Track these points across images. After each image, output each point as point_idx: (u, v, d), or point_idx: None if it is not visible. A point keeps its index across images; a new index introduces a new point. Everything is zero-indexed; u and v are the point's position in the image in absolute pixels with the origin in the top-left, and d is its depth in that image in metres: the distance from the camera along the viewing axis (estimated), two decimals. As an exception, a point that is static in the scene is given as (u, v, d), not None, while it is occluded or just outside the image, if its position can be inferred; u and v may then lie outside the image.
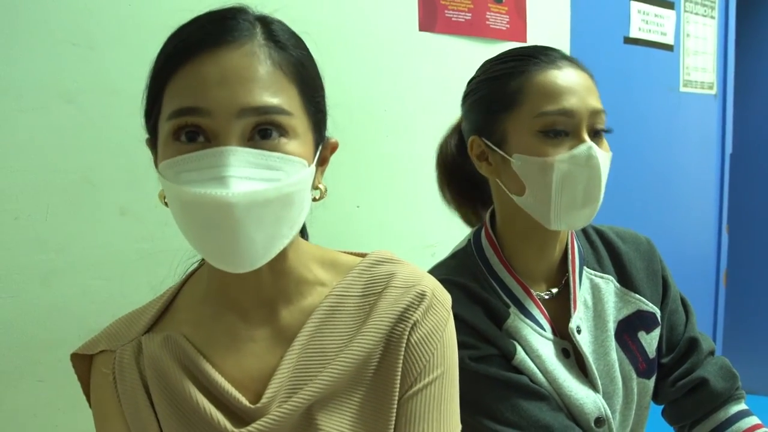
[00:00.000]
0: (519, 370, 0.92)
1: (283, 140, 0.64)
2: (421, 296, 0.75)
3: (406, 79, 1.58)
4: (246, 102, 0.62)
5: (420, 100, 1.60)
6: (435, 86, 1.60)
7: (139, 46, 1.18)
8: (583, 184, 0.88)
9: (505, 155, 0.91)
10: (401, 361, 0.73)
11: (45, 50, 1.09)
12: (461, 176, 1.08)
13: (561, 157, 0.87)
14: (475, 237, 1.03)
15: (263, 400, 0.69)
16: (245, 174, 0.61)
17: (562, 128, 0.88)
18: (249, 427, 0.68)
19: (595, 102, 0.89)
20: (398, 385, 0.73)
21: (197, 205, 0.61)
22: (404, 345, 0.73)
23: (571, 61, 0.93)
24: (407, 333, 0.73)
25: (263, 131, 0.63)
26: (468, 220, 1.13)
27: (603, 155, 0.89)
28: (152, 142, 0.71)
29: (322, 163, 0.74)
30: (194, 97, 0.62)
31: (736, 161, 2.71)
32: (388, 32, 1.54)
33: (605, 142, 0.92)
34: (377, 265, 0.78)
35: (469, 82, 1.02)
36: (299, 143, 0.66)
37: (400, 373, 0.73)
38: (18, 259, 1.09)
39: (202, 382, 0.71)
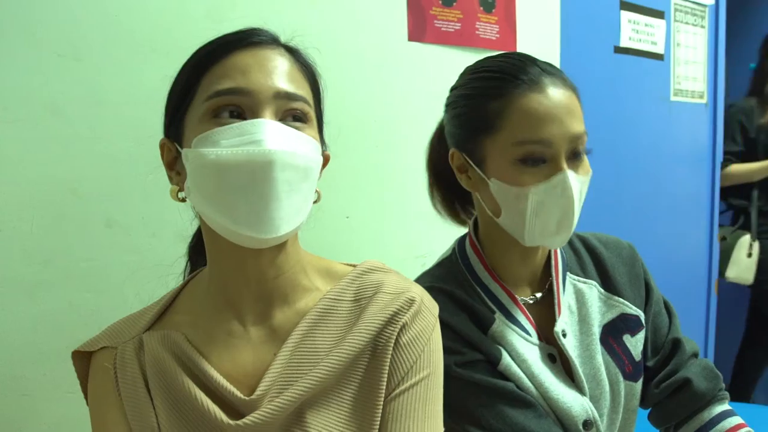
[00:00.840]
0: (504, 376, 0.93)
1: (304, 125, 0.74)
2: (410, 302, 0.80)
3: (395, 89, 1.58)
4: (281, 87, 0.72)
5: (410, 111, 1.60)
6: (425, 96, 1.60)
7: (126, 58, 1.18)
8: (557, 213, 0.89)
9: (483, 176, 0.92)
10: (388, 362, 0.77)
11: (30, 61, 1.09)
12: (449, 173, 1.05)
13: (536, 188, 0.87)
14: (460, 245, 1.04)
15: (257, 392, 0.73)
16: (278, 141, 0.68)
17: (540, 156, 0.87)
18: (243, 420, 0.72)
19: (576, 126, 0.88)
20: (385, 385, 0.77)
21: (235, 165, 0.67)
22: (392, 346, 0.77)
23: (553, 75, 0.90)
24: (395, 335, 0.78)
25: (293, 115, 0.73)
26: (459, 220, 1.13)
27: (579, 182, 0.88)
28: (175, 133, 0.77)
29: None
30: (235, 80, 0.71)
31: (727, 170, 2.72)
32: (377, 42, 1.54)
33: (586, 162, 0.91)
34: (368, 273, 0.83)
35: (452, 90, 1.01)
36: (315, 133, 0.76)
37: (386, 374, 0.77)
38: (3, 272, 1.08)
39: (198, 377, 0.74)
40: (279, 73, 0.73)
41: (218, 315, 0.79)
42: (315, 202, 0.78)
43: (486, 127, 0.90)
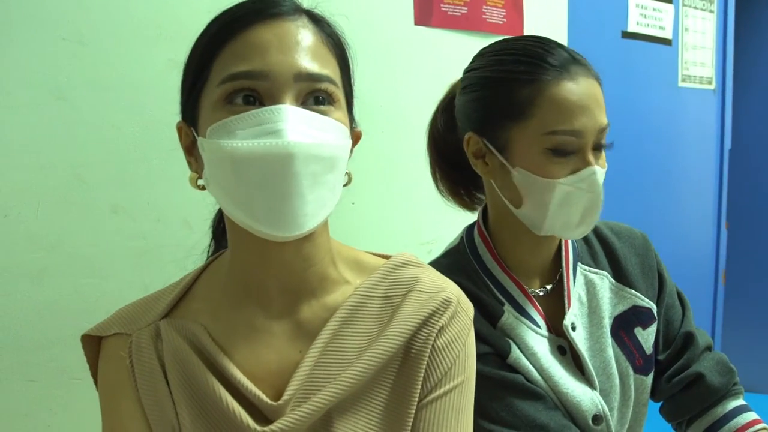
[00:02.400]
0: (514, 369, 0.91)
1: (330, 107, 0.67)
2: (447, 303, 0.75)
3: (401, 74, 1.57)
4: (303, 67, 0.65)
5: (415, 96, 1.58)
6: (431, 81, 1.59)
7: (131, 42, 1.17)
8: (582, 206, 0.88)
9: (506, 164, 0.89)
10: (424, 367, 0.73)
11: (35, 46, 1.08)
12: (453, 155, 1.03)
13: (564, 180, 0.86)
14: (468, 234, 1.02)
15: (285, 397, 0.68)
16: (300, 130, 0.62)
17: (570, 147, 0.86)
18: (271, 426, 0.67)
19: (603, 117, 0.87)
20: (418, 390, 0.72)
21: (253, 159, 0.61)
22: (428, 350, 0.73)
23: (580, 63, 0.89)
24: (432, 338, 0.73)
25: (315, 98, 0.66)
26: (464, 204, 1.09)
27: (602, 174, 0.88)
28: (191, 117, 0.71)
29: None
30: (251, 62, 0.64)
31: (735, 157, 2.70)
32: (383, 27, 1.53)
33: (603, 157, 0.90)
34: (401, 267, 0.78)
35: (468, 71, 0.97)
36: (342, 114, 0.69)
37: (421, 379, 0.73)
38: (8, 258, 1.08)
39: (221, 374, 0.70)
40: (301, 50, 0.66)
41: (240, 306, 0.73)
42: (345, 185, 0.73)
43: (515, 113, 0.87)
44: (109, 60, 1.15)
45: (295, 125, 0.62)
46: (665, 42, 2.33)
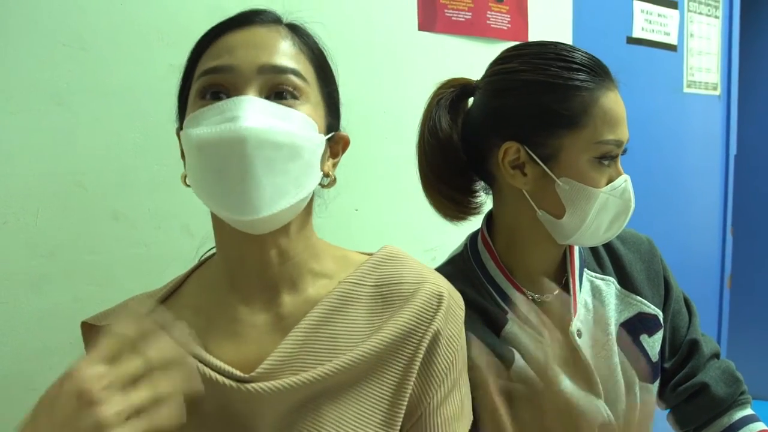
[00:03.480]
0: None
1: (297, 102, 0.70)
2: (439, 298, 0.76)
3: (405, 79, 1.56)
4: (266, 60, 0.69)
5: (420, 101, 1.56)
6: (434, 86, 1.58)
7: (132, 47, 1.16)
8: (613, 214, 0.89)
9: (551, 174, 0.88)
10: (418, 363, 0.74)
11: (35, 51, 1.07)
12: (454, 159, 0.97)
13: (606, 189, 0.87)
14: (472, 242, 1.01)
15: (258, 370, 0.70)
16: (256, 118, 0.65)
17: (611, 158, 0.88)
18: (251, 385, 0.68)
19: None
20: (411, 385, 0.74)
21: (210, 145, 0.65)
22: (423, 347, 0.74)
23: (610, 74, 0.91)
24: (427, 335, 0.74)
25: (279, 93, 0.69)
26: (458, 219, 1.03)
27: None
28: (181, 121, 0.76)
29: (334, 155, 0.80)
30: (221, 58, 0.70)
31: (741, 162, 2.69)
32: (387, 32, 1.52)
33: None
34: (389, 260, 0.80)
35: (503, 72, 0.92)
36: (311, 109, 0.72)
37: (414, 375, 0.74)
38: (8, 265, 1.06)
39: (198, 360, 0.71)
40: (267, 47, 0.70)
41: (225, 300, 0.76)
42: (325, 186, 0.76)
43: (569, 122, 0.86)
44: (109, 65, 1.14)
45: (252, 113, 0.65)
46: (670, 48, 2.32)
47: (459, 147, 0.97)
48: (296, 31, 0.76)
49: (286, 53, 0.71)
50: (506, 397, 0.89)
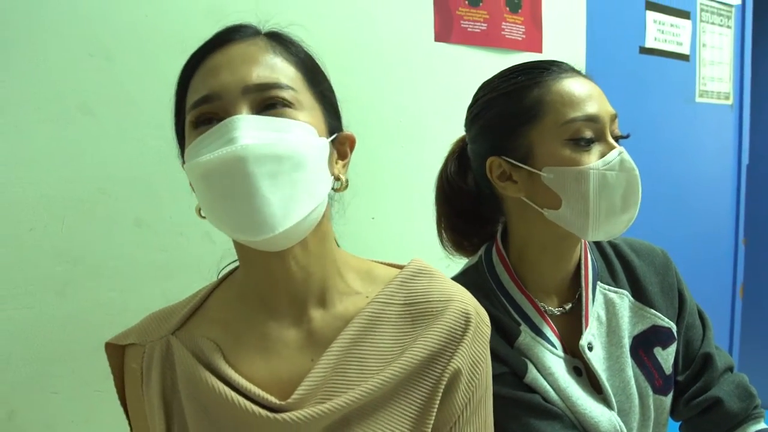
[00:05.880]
0: (531, 389, 0.91)
1: (288, 110, 0.69)
2: (467, 317, 0.76)
3: (421, 89, 1.58)
4: (249, 80, 0.68)
5: (435, 111, 1.59)
6: (450, 97, 1.60)
7: (156, 58, 1.18)
8: (621, 189, 0.88)
9: (533, 170, 0.90)
10: (446, 381, 0.74)
11: (62, 61, 1.09)
12: (460, 203, 1.05)
13: (595, 164, 0.86)
14: (486, 253, 1.01)
15: (294, 397, 0.69)
16: (253, 135, 0.64)
17: (590, 135, 0.87)
18: (282, 415, 0.67)
19: (610, 107, 0.90)
20: (438, 403, 0.73)
21: (213, 170, 0.64)
22: (452, 368, 0.74)
23: (576, 70, 0.94)
24: (455, 355, 0.74)
25: (268, 105, 0.68)
26: (467, 255, 1.10)
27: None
28: (182, 147, 0.75)
29: (342, 157, 0.78)
30: (206, 86, 0.68)
31: (753, 172, 2.68)
32: (403, 42, 1.54)
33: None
34: (417, 276, 0.79)
35: (473, 106, 0.99)
36: (306, 114, 0.70)
37: (442, 391, 0.74)
38: (34, 270, 1.09)
39: (229, 383, 0.71)
40: (249, 65, 0.69)
41: (253, 315, 0.75)
42: (337, 190, 0.75)
43: (527, 118, 0.89)
44: (134, 76, 1.16)
45: (247, 131, 0.64)
46: (683, 57, 2.33)
47: (471, 190, 1.04)
48: (277, 39, 0.74)
49: (268, 66, 0.70)
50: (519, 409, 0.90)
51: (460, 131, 1.06)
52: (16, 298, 1.07)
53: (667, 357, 0.99)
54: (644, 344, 0.99)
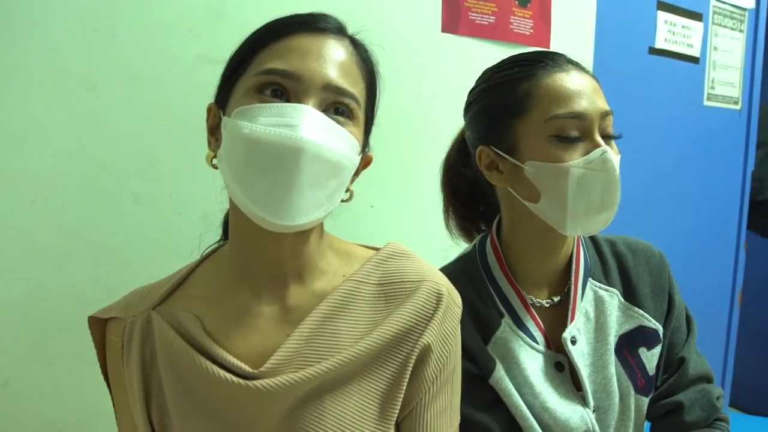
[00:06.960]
0: (494, 390, 0.92)
1: (348, 122, 0.73)
2: (438, 296, 0.79)
3: (426, 80, 1.58)
4: (332, 78, 0.71)
5: (439, 102, 1.59)
6: (455, 89, 1.58)
7: (161, 35, 1.19)
8: (599, 189, 0.87)
9: (517, 162, 0.90)
10: (415, 357, 0.76)
11: (67, 37, 1.10)
12: (465, 189, 1.08)
13: (576, 162, 0.86)
14: (481, 243, 1.03)
15: (266, 366, 0.72)
16: (314, 130, 0.67)
17: (575, 133, 0.87)
18: (257, 382, 0.70)
19: (603, 104, 0.89)
20: (408, 377, 0.76)
21: (265, 145, 0.66)
22: (421, 344, 0.77)
23: (576, 65, 0.92)
24: (426, 332, 0.77)
25: (337, 108, 0.72)
26: (471, 240, 1.11)
27: (617, 159, 0.88)
28: (222, 100, 0.76)
29: (357, 173, 0.81)
30: (288, 62, 0.70)
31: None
32: (409, 32, 1.54)
33: (615, 146, 0.91)
34: (392, 257, 0.82)
35: (470, 93, 1.01)
36: (358, 131, 0.75)
37: (411, 368, 0.76)
38: (33, 243, 1.10)
39: (206, 353, 0.74)
40: (335, 64, 0.72)
41: (234, 292, 0.78)
42: (345, 201, 0.78)
43: (515, 110, 0.90)
44: (138, 53, 1.17)
45: (310, 125, 0.67)
46: (693, 60, 2.31)
47: (472, 177, 1.04)
48: (358, 47, 0.78)
49: (350, 73, 0.74)
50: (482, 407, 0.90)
51: (462, 123, 1.07)
52: (15, 270, 1.09)
53: (651, 358, 0.99)
54: (629, 344, 0.99)
